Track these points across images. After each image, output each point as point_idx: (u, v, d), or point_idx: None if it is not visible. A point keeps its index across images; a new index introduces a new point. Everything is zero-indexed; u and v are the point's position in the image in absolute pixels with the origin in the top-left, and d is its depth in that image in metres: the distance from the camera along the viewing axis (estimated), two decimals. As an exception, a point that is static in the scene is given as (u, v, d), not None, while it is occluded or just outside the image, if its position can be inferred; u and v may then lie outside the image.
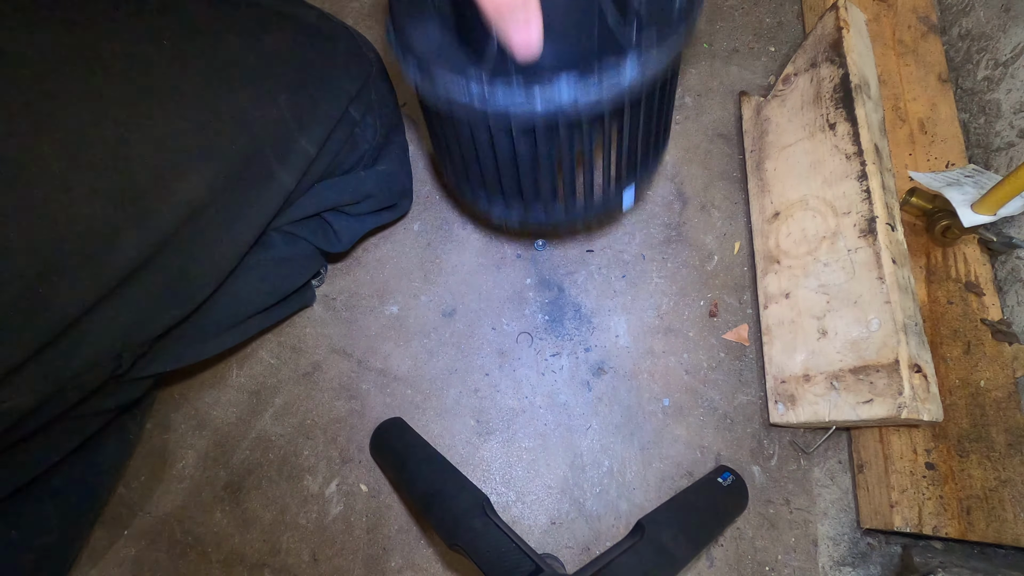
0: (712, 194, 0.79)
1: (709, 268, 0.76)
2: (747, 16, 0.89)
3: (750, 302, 0.74)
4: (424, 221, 0.78)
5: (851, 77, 0.67)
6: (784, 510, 0.67)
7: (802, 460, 0.69)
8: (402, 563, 0.64)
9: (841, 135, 0.67)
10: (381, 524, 0.66)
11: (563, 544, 0.65)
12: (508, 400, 0.70)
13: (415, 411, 0.70)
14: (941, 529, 0.59)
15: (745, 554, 0.65)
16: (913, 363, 0.57)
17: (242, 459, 0.68)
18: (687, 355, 0.72)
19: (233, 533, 0.65)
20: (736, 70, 0.86)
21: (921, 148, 0.76)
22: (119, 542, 0.66)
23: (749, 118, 0.80)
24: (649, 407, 0.70)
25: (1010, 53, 0.75)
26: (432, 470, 0.61)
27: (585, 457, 0.68)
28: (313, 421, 0.69)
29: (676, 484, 0.67)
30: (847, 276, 0.63)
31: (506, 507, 0.66)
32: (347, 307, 0.74)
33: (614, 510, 0.66)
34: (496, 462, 0.68)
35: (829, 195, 0.67)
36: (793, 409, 0.65)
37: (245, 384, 0.72)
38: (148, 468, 0.68)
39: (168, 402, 0.71)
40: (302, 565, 0.64)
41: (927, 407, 0.56)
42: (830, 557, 0.65)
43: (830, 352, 0.63)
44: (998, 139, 0.75)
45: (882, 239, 0.61)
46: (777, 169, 0.73)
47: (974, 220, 0.63)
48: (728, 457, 0.68)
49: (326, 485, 0.67)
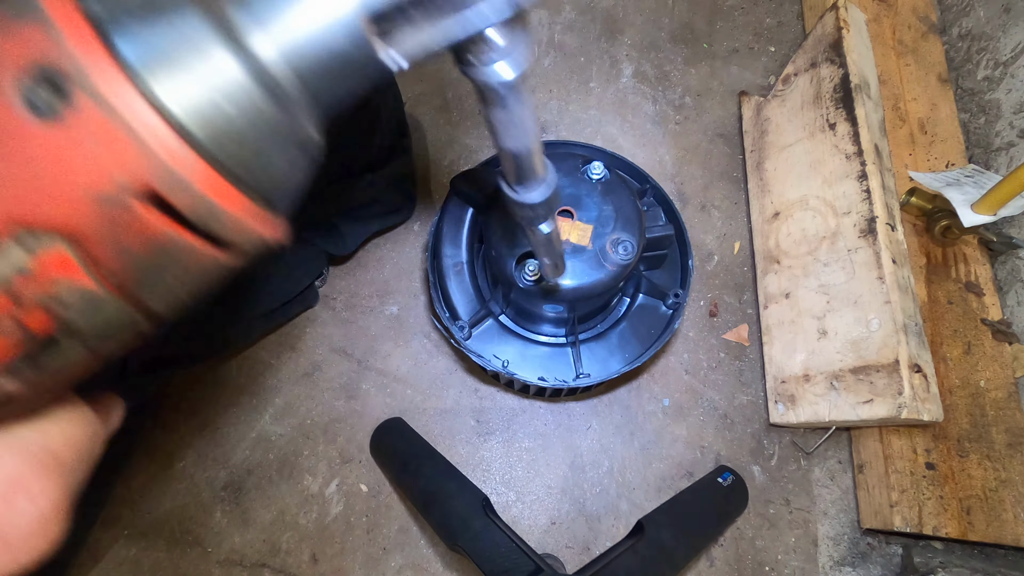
0: (712, 194, 0.79)
1: (709, 268, 0.76)
2: (747, 16, 0.89)
3: (750, 302, 0.74)
4: (424, 221, 0.78)
5: (851, 77, 0.67)
6: (784, 510, 0.67)
7: (802, 460, 0.69)
8: (402, 563, 0.64)
9: (841, 135, 0.67)
10: (381, 524, 0.66)
11: (563, 544, 0.65)
12: (508, 400, 0.70)
13: (415, 411, 0.70)
14: (941, 529, 0.59)
15: (745, 554, 0.65)
16: (913, 363, 0.57)
17: (242, 459, 0.68)
18: (687, 355, 0.72)
19: (233, 533, 0.65)
20: (736, 70, 0.86)
21: (921, 148, 0.76)
22: (119, 542, 0.66)
23: (749, 118, 0.80)
24: (649, 407, 0.70)
25: (1010, 53, 0.75)
26: (432, 470, 0.61)
27: (585, 457, 0.68)
28: (313, 421, 0.69)
29: (676, 484, 0.67)
30: (847, 276, 0.63)
31: (506, 507, 0.66)
32: (347, 307, 0.74)
33: (614, 510, 0.66)
34: (496, 462, 0.68)
35: (829, 195, 0.67)
36: (793, 409, 0.65)
37: (245, 384, 0.72)
38: (148, 468, 0.68)
39: (168, 402, 0.71)
40: (302, 565, 0.64)
41: (927, 407, 0.56)
42: (830, 557, 0.65)
43: (830, 352, 0.63)
44: (998, 139, 0.75)
45: (882, 239, 0.61)
46: (777, 169, 0.73)
47: (974, 220, 0.63)
48: (728, 457, 0.68)
49: (326, 485, 0.67)
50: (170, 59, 0.11)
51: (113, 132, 0.11)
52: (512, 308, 0.60)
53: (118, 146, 0.11)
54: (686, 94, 0.84)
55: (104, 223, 0.11)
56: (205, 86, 0.12)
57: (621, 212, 0.51)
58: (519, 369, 0.58)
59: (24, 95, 0.10)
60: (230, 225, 0.13)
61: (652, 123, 0.83)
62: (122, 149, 0.11)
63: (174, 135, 0.11)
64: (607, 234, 0.50)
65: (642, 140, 0.82)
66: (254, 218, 0.13)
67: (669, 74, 0.85)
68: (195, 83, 0.11)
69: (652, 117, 0.83)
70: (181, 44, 0.11)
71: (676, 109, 0.83)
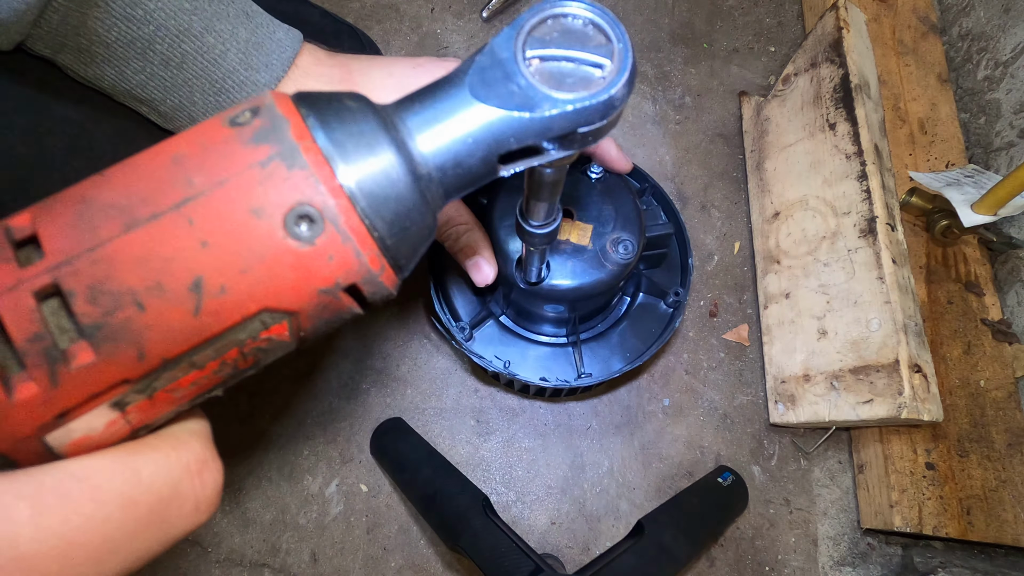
0: (712, 194, 0.79)
1: (709, 268, 0.76)
2: (747, 16, 0.89)
3: (750, 302, 0.74)
4: (424, 221, 0.78)
5: (851, 77, 0.67)
6: (784, 510, 0.67)
7: (802, 460, 0.69)
8: (402, 563, 0.64)
9: (841, 135, 0.67)
10: (381, 524, 0.66)
11: (563, 544, 0.65)
12: (508, 400, 0.70)
13: (415, 411, 0.70)
14: (941, 529, 0.59)
15: (745, 554, 0.65)
16: (913, 363, 0.57)
17: (242, 459, 0.68)
18: (687, 355, 0.72)
19: (233, 533, 0.65)
20: (736, 70, 0.86)
21: (921, 148, 0.76)
22: (119, 542, 0.66)
23: (749, 118, 0.80)
24: (649, 407, 0.70)
25: (1010, 53, 0.75)
26: (432, 470, 0.61)
27: (585, 457, 0.68)
28: (313, 421, 0.69)
29: (676, 484, 0.67)
30: (847, 276, 0.63)
31: (506, 507, 0.66)
32: (347, 307, 0.74)
33: (614, 510, 0.66)
34: (496, 462, 0.68)
35: (829, 195, 0.67)
36: (793, 409, 0.65)
37: (245, 385, 0.72)
38: (148, 468, 0.68)
39: (168, 402, 0.71)
40: (302, 565, 0.64)
41: (927, 407, 0.56)
42: (830, 557, 0.65)
43: (830, 352, 0.63)
44: (998, 139, 0.75)
45: (882, 239, 0.61)
46: (777, 169, 0.73)
47: (974, 220, 0.63)
48: (728, 457, 0.68)
49: (326, 485, 0.67)
50: (374, 193, 0.17)
51: (345, 252, 0.16)
52: (512, 308, 0.60)
53: (346, 260, 0.16)
54: (686, 94, 0.84)
55: (317, 306, 0.17)
56: (393, 204, 0.17)
57: (621, 211, 0.51)
58: (520, 369, 0.58)
59: (288, 226, 0.15)
60: (384, 296, 0.18)
61: (652, 123, 0.83)
62: (348, 262, 0.16)
63: (377, 249, 0.17)
64: (607, 233, 0.50)
65: (642, 140, 0.82)
66: (395, 287, 0.19)
67: (669, 74, 0.85)
68: (389, 203, 0.17)
69: (652, 117, 0.83)
70: (382, 180, 0.17)
71: (676, 109, 0.83)
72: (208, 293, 0.15)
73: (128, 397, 0.16)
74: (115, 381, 0.15)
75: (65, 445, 0.16)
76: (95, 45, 0.34)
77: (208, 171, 0.15)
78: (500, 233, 0.50)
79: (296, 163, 0.16)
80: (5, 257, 0.15)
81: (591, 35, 0.19)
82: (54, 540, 0.13)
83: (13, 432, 0.15)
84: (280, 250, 0.15)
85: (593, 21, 0.19)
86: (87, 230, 0.15)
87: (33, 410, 0.15)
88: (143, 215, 0.15)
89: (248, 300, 0.16)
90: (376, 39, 0.82)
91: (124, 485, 0.15)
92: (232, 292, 0.15)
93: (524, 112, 0.18)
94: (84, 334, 0.15)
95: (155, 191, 0.15)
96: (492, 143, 0.18)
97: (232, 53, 0.36)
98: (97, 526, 0.14)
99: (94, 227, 0.15)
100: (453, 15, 0.85)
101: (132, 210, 0.15)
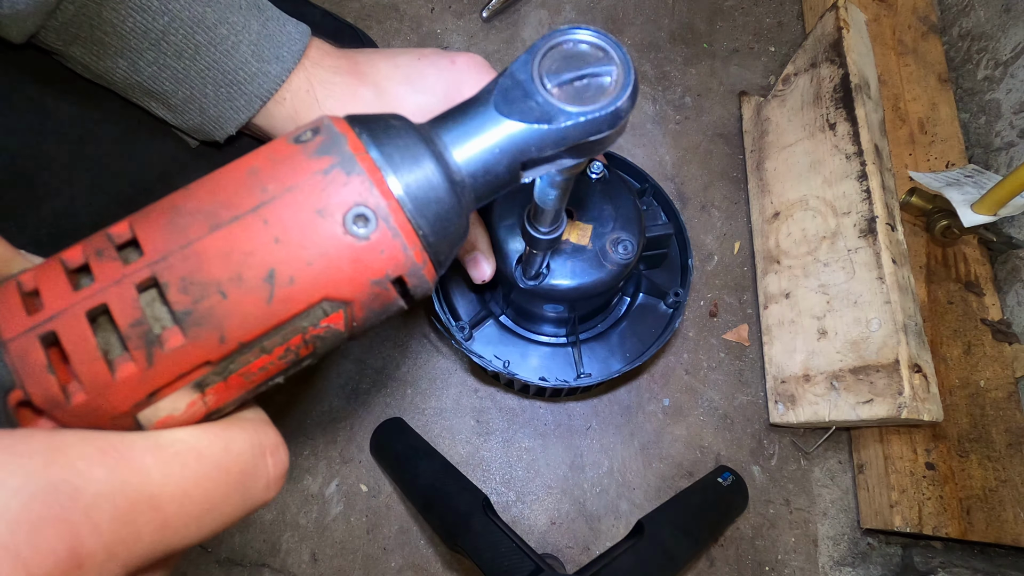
0: (712, 194, 0.79)
1: (709, 268, 0.76)
2: (747, 16, 0.89)
3: (750, 302, 0.74)
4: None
5: (851, 77, 0.67)
6: (784, 510, 0.67)
7: (802, 460, 0.69)
8: (402, 563, 0.64)
9: (841, 135, 0.67)
10: (381, 524, 0.66)
11: (563, 544, 0.65)
12: (508, 400, 0.70)
13: (415, 411, 0.70)
14: (941, 529, 0.59)
15: (745, 554, 0.65)
16: (913, 363, 0.57)
17: (242, 459, 0.68)
18: (687, 355, 0.72)
19: (233, 533, 0.65)
20: (736, 70, 0.86)
21: (921, 148, 0.76)
22: (119, 542, 0.66)
23: (749, 118, 0.80)
24: (649, 407, 0.70)
25: (1010, 53, 0.75)
26: (432, 470, 0.61)
27: (585, 457, 0.68)
28: (313, 421, 0.69)
29: (676, 484, 0.67)
30: (847, 276, 0.63)
31: (506, 507, 0.66)
32: (347, 307, 0.74)
33: (614, 510, 0.66)
34: (496, 462, 0.68)
35: (829, 195, 0.67)
36: (793, 409, 0.65)
37: (245, 384, 0.72)
38: (148, 468, 0.68)
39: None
40: (302, 565, 0.64)
41: (927, 407, 0.56)
42: (830, 557, 0.65)
43: (830, 352, 0.63)
44: (998, 139, 0.75)
45: (882, 239, 0.61)
46: (777, 169, 0.73)
47: (974, 220, 0.63)
48: (728, 457, 0.68)
49: (326, 485, 0.67)
50: (418, 197, 0.19)
51: (394, 247, 0.18)
52: (512, 308, 0.60)
53: (395, 254, 0.18)
54: (686, 94, 0.84)
55: (370, 296, 0.19)
56: (434, 206, 0.20)
57: (621, 211, 0.51)
58: (520, 369, 0.58)
59: (347, 224, 0.18)
60: (424, 290, 0.20)
61: (652, 123, 0.83)
62: (396, 256, 0.19)
63: (421, 245, 0.19)
64: (607, 233, 0.50)
65: (642, 140, 0.82)
66: (434, 281, 0.21)
67: (669, 74, 0.85)
68: (430, 206, 0.19)
69: (652, 117, 0.83)
70: (425, 185, 0.19)
71: (676, 109, 0.83)
72: (280, 283, 0.18)
73: (208, 378, 0.18)
74: (199, 362, 0.17)
75: (153, 423, 0.18)
76: (109, 36, 0.34)
77: (279, 179, 0.18)
78: (500, 232, 0.50)
79: (353, 170, 0.18)
80: (111, 256, 0.17)
81: (596, 56, 0.23)
82: (173, 488, 0.16)
83: (112, 408, 0.17)
84: (340, 245, 0.18)
85: (597, 44, 0.23)
86: (178, 231, 0.18)
87: (131, 388, 0.17)
88: (225, 217, 0.18)
89: (312, 289, 0.18)
90: (376, 39, 0.82)
91: (219, 452, 0.17)
92: (299, 282, 0.18)
93: (543, 124, 0.21)
94: (176, 320, 0.17)
95: (234, 197, 0.18)
96: (516, 152, 0.21)
97: (244, 45, 0.36)
98: (201, 482, 0.16)
99: (184, 229, 0.18)
100: (453, 15, 0.85)
101: (216, 214, 0.18)
